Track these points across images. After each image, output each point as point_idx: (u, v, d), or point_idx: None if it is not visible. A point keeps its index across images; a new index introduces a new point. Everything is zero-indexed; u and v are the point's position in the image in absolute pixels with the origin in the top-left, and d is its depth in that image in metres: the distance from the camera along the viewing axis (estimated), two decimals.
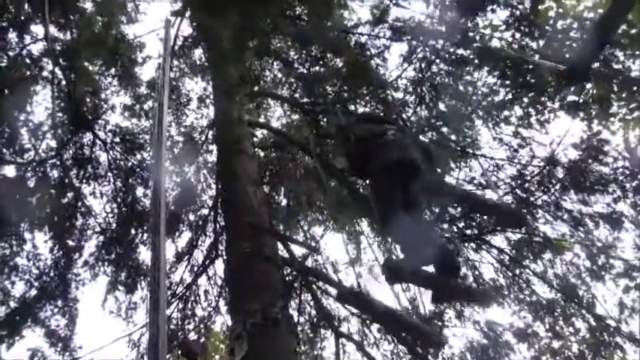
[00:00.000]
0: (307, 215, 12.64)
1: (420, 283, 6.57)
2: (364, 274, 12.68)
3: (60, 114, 11.94)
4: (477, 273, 10.38)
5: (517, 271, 10.27)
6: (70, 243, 12.24)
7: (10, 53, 11.47)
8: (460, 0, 10.31)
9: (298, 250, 9.95)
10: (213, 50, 11.41)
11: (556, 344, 10.30)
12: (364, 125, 6.55)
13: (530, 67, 9.51)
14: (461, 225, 9.93)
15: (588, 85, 9.69)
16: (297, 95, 12.60)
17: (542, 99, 9.97)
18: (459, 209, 9.75)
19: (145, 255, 12.29)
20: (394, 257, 6.01)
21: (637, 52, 9.47)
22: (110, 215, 12.59)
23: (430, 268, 5.19)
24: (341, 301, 7.80)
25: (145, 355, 10.82)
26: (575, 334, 10.11)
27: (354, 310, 10.25)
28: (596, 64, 9.19)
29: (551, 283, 10.07)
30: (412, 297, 10.75)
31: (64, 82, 11.73)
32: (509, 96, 10.04)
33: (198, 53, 14.28)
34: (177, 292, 11.50)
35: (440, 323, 10.78)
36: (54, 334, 11.60)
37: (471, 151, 10.24)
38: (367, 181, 7.01)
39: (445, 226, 9.87)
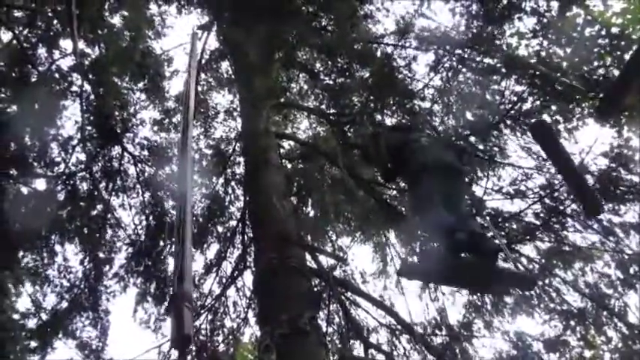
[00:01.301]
0: (335, 226, 12.62)
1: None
2: (391, 285, 12.65)
3: (89, 128, 12.07)
4: None
5: (547, 280, 10.17)
6: (100, 255, 12.35)
7: (40, 68, 11.63)
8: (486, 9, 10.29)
9: (326, 261, 9.95)
10: (240, 63, 11.49)
11: (588, 354, 10.17)
12: (395, 133, 6.64)
13: (559, 74, 9.44)
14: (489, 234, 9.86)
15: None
16: (323, 106, 12.63)
17: (571, 107, 9.89)
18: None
19: (173, 267, 12.33)
20: (430, 249, 6.01)
21: None
22: (139, 227, 12.70)
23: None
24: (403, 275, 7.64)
25: None
26: (608, 343, 9.98)
27: (383, 321, 10.25)
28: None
29: (582, 291, 9.96)
30: (440, 307, 10.74)
31: (92, 97, 11.87)
32: (537, 104, 9.97)
33: (224, 66, 14.40)
34: (206, 303, 11.55)
35: (468, 333, 10.71)
36: (86, 346, 11.69)
37: (499, 160, 10.19)
38: (402, 183, 7.07)
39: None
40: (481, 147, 10.39)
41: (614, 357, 9.94)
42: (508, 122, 10.13)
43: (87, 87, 11.64)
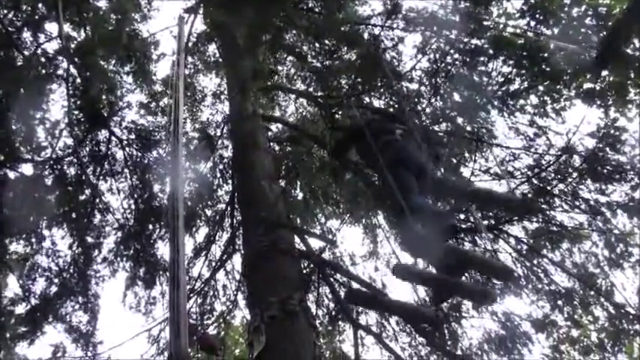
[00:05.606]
0: (323, 208, 12.63)
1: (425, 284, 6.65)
2: (381, 267, 12.72)
3: (76, 112, 11.98)
4: None
5: (535, 261, 10.23)
6: (89, 239, 12.32)
7: (25, 52, 11.52)
8: None
9: (315, 243, 9.97)
10: (227, 46, 11.43)
11: (575, 333, 10.26)
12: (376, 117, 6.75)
13: (546, 54, 9.42)
14: (478, 215, 9.88)
15: (604, 73, 9.57)
16: (311, 89, 12.60)
17: (558, 87, 9.88)
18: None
19: (163, 250, 12.36)
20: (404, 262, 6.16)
21: None
22: (128, 211, 12.67)
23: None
24: (350, 302, 7.89)
25: (165, 350, 10.91)
26: (594, 323, 10.07)
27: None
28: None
29: (570, 271, 10.02)
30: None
31: (79, 80, 11.77)
32: (525, 85, 9.97)
33: (212, 49, 14.32)
34: (195, 287, 11.56)
35: (457, 314, 10.77)
36: (75, 330, 11.70)
37: (486, 141, 10.20)
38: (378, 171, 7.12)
39: (462, 216, 9.85)
40: (468, 128, 10.40)
41: (601, 336, 10.03)
42: (495, 103, 10.13)
43: (73, 71, 11.52)
